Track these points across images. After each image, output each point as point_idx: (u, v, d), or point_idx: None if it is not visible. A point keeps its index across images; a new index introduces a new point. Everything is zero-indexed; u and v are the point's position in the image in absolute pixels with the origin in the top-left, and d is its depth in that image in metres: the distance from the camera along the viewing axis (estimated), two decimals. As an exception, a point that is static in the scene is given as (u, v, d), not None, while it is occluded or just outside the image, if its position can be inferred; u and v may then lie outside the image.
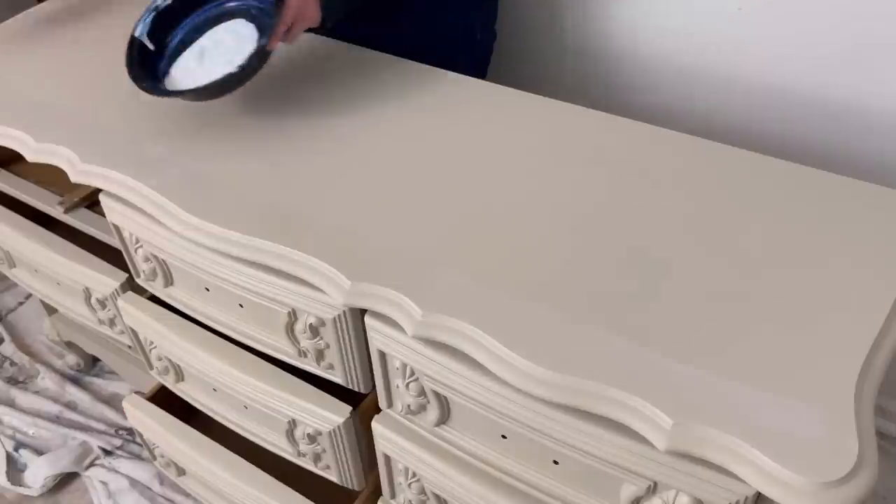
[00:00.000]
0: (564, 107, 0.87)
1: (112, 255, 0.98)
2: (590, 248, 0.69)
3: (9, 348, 1.59)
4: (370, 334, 0.71)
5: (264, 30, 0.82)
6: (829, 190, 0.73)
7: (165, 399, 1.09)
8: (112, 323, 1.07)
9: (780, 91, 1.08)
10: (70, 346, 1.48)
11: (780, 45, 1.04)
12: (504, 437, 0.69)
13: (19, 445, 1.40)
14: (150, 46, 0.84)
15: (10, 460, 1.38)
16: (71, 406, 1.47)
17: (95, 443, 1.38)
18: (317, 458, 0.90)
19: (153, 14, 0.85)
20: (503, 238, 0.70)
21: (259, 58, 0.80)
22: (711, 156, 0.78)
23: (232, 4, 0.88)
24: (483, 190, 0.76)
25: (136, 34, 0.84)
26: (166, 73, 0.87)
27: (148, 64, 0.85)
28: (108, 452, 1.38)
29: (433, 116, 0.87)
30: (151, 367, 1.05)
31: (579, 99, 0.87)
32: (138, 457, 1.37)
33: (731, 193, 0.73)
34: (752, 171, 0.76)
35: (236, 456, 1.02)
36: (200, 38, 0.87)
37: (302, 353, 0.81)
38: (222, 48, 0.86)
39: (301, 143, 0.84)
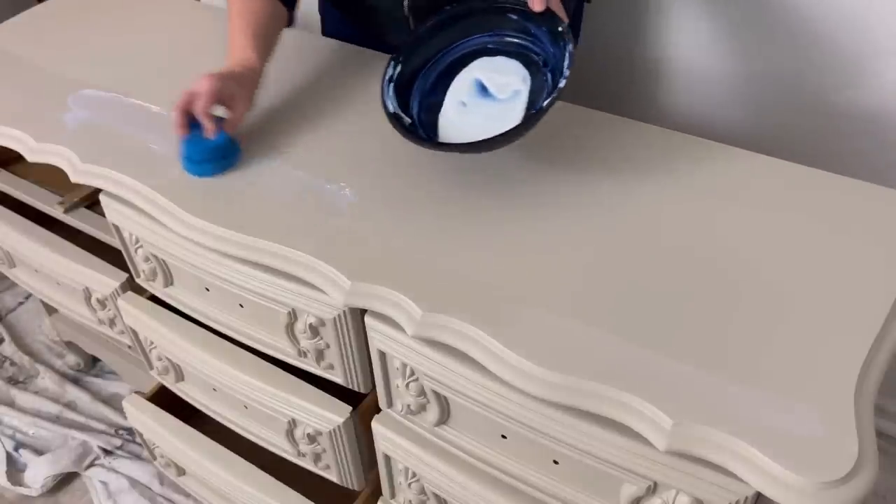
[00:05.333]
0: (562, 106, 0.87)
1: (112, 255, 0.98)
2: (589, 247, 0.69)
3: (9, 348, 1.59)
4: (370, 334, 0.71)
5: (526, 59, 0.76)
6: (829, 190, 0.73)
7: (165, 399, 1.09)
8: (112, 323, 1.07)
9: (780, 91, 1.08)
10: (70, 346, 1.48)
11: (781, 45, 1.04)
12: (504, 437, 0.69)
13: (19, 445, 1.40)
14: (408, 120, 0.78)
15: (10, 460, 1.38)
16: (71, 406, 1.47)
17: (95, 443, 1.38)
18: (317, 458, 0.90)
19: (392, 86, 0.79)
20: (502, 237, 0.70)
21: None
22: (710, 155, 0.78)
23: (466, 49, 0.81)
24: (483, 190, 0.76)
25: (391, 111, 0.77)
26: (432, 133, 0.79)
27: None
28: (108, 452, 1.38)
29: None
30: (151, 367, 1.05)
31: (577, 100, 0.87)
32: (138, 457, 1.37)
33: (730, 193, 0.73)
34: (751, 171, 0.76)
35: (236, 456, 1.02)
36: (450, 91, 0.80)
37: (302, 353, 0.81)
38: (492, 85, 0.77)
39: (301, 143, 0.84)
